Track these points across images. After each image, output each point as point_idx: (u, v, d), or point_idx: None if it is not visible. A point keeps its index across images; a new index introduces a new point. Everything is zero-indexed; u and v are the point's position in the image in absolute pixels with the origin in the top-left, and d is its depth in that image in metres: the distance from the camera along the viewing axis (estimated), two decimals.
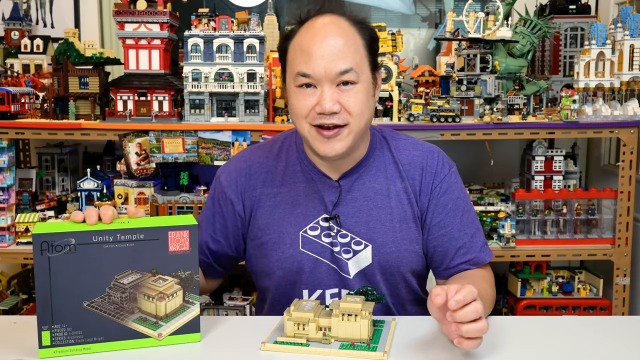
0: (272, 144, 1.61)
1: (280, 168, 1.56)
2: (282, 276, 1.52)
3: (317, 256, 1.50)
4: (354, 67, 1.38)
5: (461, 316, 1.13)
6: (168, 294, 1.26)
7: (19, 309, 2.75)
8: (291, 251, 1.50)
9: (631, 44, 2.51)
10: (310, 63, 1.37)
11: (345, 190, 1.51)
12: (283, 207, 1.53)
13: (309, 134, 1.42)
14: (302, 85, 1.40)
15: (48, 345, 1.20)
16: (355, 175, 1.52)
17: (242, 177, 1.56)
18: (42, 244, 1.17)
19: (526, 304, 2.67)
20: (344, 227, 1.50)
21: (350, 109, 1.39)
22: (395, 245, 1.50)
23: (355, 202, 1.51)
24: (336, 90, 1.38)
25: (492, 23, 2.57)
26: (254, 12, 2.89)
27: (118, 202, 2.62)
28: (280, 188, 1.54)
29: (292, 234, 1.51)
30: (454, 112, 2.51)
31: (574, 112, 2.46)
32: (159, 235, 1.23)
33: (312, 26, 1.41)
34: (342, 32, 1.39)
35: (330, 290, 1.51)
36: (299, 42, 1.41)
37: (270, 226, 1.53)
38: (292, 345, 1.23)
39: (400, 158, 1.55)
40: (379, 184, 1.52)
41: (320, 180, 1.52)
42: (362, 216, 1.50)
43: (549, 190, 2.64)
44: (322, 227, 1.50)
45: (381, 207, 1.51)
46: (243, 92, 2.52)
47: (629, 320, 1.61)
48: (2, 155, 2.48)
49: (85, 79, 2.58)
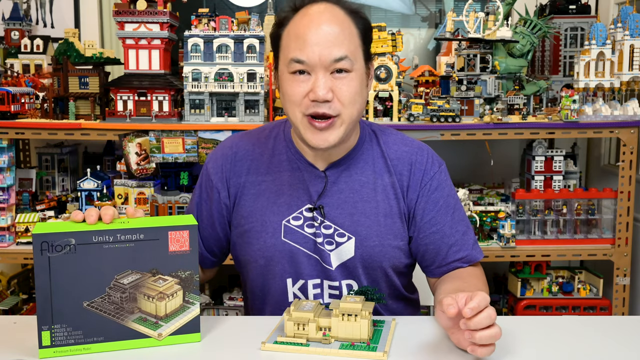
0: (260, 132, 1.61)
1: (267, 156, 1.55)
2: (263, 265, 1.51)
3: (299, 246, 1.49)
4: (349, 54, 1.37)
5: (475, 323, 1.12)
6: (168, 294, 1.26)
7: (19, 309, 2.75)
8: (273, 240, 1.49)
9: (631, 44, 2.51)
10: (305, 49, 1.36)
11: (331, 181, 1.50)
12: (267, 196, 1.52)
13: (301, 123, 1.41)
14: (296, 71, 1.39)
15: (48, 345, 1.20)
16: (342, 166, 1.51)
17: (228, 163, 1.56)
18: (42, 243, 1.17)
19: (526, 304, 2.67)
20: (327, 218, 1.49)
21: (343, 98, 1.38)
22: (379, 239, 1.49)
23: (341, 194, 1.50)
24: (330, 78, 1.37)
25: (492, 23, 2.57)
26: (254, 12, 2.89)
27: (118, 202, 2.62)
28: (265, 176, 1.53)
29: (275, 223, 1.50)
30: (454, 112, 2.51)
31: (574, 112, 2.46)
32: (159, 235, 1.23)
33: (307, 13, 1.40)
34: (337, 20, 1.39)
35: (312, 280, 1.51)
36: (294, 29, 1.40)
37: (253, 214, 1.52)
38: (292, 345, 1.23)
39: (389, 153, 1.54)
40: (366, 177, 1.51)
41: (306, 169, 1.51)
42: (347, 208, 1.49)
43: (549, 190, 2.64)
44: (305, 217, 1.50)
45: (367, 200, 1.50)
46: (243, 92, 2.52)
47: (629, 320, 1.61)
48: (2, 155, 2.48)
49: (85, 79, 2.58)
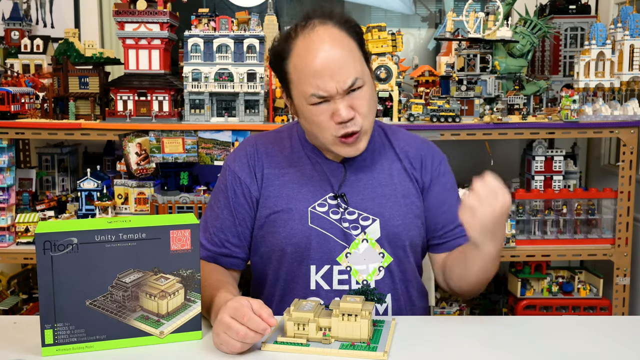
0: (275, 133, 1.69)
1: (286, 152, 1.62)
2: (290, 252, 1.54)
3: (326, 232, 1.53)
4: (358, 75, 1.45)
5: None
6: (170, 292, 1.26)
7: (19, 309, 2.75)
8: (300, 226, 1.53)
9: (631, 44, 2.51)
10: (322, 85, 1.43)
11: (349, 172, 1.58)
12: (291, 186, 1.57)
13: (333, 143, 1.50)
14: (317, 103, 1.46)
15: (51, 344, 1.21)
16: (357, 157, 1.58)
17: (252, 159, 1.61)
18: (44, 243, 1.18)
19: (526, 304, 2.67)
20: (350, 204, 1.55)
21: (362, 110, 1.47)
22: (402, 219, 1.57)
23: (360, 182, 1.58)
24: (347, 98, 1.45)
25: (492, 23, 2.57)
26: (254, 12, 2.89)
27: (118, 202, 2.62)
28: (288, 169, 1.59)
29: (301, 209, 1.54)
30: (454, 112, 2.51)
31: (574, 112, 2.46)
32: (161, 234, 1.24)
33: (308, 46, 1.45)
34: (338, 43, 1.45)
35: (339, 266, 1.53)
36: (300, 64, 1.45)
37: (279, 203, 1.56)
38: (292, 346, 1.24)
39: (399, 143, 1.66)
40: (381, 165, 1.62)
41: (324, 163, 1.60)
42: (367, 193, 1.57)
43: (549, 190, 2.64)
44: (330, 204, 1.56)
45: (385, 184, 1.59)
46: (243, 92, 2.52)
47: (629, 320, 1.61)
48: (2, 155, 2.48)
49: (85, 79, 2.58)
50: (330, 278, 1.53)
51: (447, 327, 1.39)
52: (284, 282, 1.57)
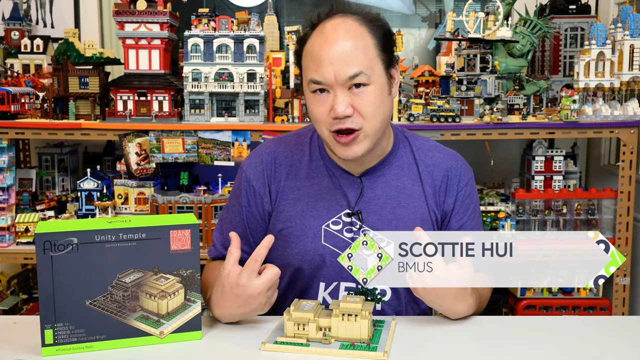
0: (297, 137, 1.62)
1: (305, 162, 1.57)
2: (302, 270, 1.52)
3: (339, 251, 1.50)
4: (364, 70, 1.39)
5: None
6: (170, 292, 1.26)
7: (19, 309, 2.75)
8: (313, 245, 1.51)
9: (631, 44, 2.51)
10: (320, 70, 1.38)
11: (367, 187, 1.53)
12: (306, 201, 1.54)
13: (329, 139, 1.45)
14: (316, 91, 1.42)
15: (51, 344, 1.21)
16: (377, 172, 1.54)
17: (268, 169, 1.57)
18: (44, 243, 1.18)
19: (526, 304, 2.67)
20: (366, 223, 1.51)
21: (363, 111, 1.40)
22: None
23: (378, 200, 1.53)
24: (348, 94, 1.39)
25: (492, 23, 2.57)
26: (254, 12, 2.89)
27: (118, 202, 2.62)
28: (305, 181, 1.55)
29: (315, 227, 1.52)
30: (454, 112, 2.51)
31: (574, 112, 2.46)
32: (161, 234, 1.24)
33: (322, 31, 1.41)
34: (350, 35, 1.40)
35: (346, 283, 1.52)
36: (310, 47, 1.43)
37: (292, 219, 1.53)
38: (292, 346, 1.24)
39: (424, 159, 1.58)
40: (402, 183, 1.55)
41: (341, 176, 1.54)
42: (384, 214, 1.52)
43: (549, 190, 2.64)
44: (344, 222, 1.52)
45: (404, 206, 1.53)
46: (243, 92, 2.52)
47: (629, 320, 1.61)
48: (2, 155, 2.48)
49: (85, 79, 2.58)
50: (337, 294, 1.53)
51: (448, 327, 1.39)
52: (292, 297, 1.54)
